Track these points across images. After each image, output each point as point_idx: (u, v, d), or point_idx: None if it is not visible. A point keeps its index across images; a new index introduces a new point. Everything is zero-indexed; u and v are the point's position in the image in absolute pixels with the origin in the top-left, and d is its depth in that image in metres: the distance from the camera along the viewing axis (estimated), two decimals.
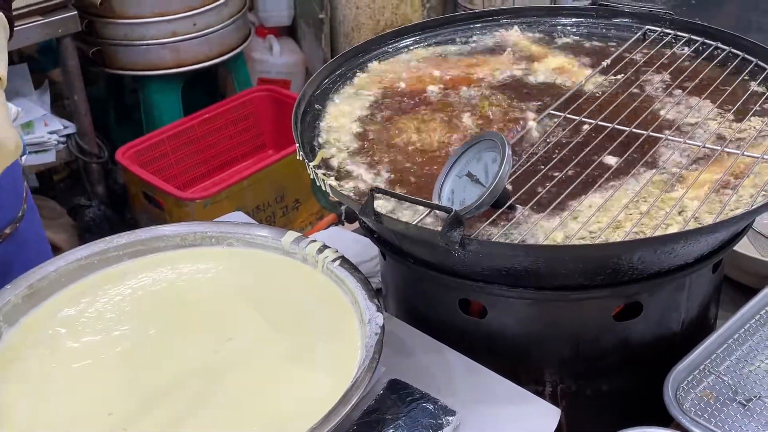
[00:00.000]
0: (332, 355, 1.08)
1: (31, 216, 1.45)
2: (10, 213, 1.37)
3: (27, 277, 1.17)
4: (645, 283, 1.12)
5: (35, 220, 1.49)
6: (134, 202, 2.98)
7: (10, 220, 1.38)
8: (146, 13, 2.94)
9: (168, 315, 1.17)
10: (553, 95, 1.36)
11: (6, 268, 1.28)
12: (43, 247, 1.50)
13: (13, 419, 1.02)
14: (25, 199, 1.43)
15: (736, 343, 1.21)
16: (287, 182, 2.96)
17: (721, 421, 1.10)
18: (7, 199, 1.32)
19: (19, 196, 1.42)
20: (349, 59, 1.45)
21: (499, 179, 1.04)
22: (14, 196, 1.40)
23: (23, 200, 1.43)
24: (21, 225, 1.39)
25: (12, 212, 1.38)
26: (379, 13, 3.47)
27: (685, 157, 1.19)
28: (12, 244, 1.29)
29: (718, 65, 1.38)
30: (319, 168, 1.20)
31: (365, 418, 1.05)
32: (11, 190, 1.39)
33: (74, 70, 2.84)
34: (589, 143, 1.21)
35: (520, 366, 1.20)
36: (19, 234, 1.37)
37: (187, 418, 1.02)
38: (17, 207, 1.40)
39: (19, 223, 1.39)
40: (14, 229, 1.37)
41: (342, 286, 1.15)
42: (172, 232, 1.26)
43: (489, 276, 1.12)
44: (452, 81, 1.42)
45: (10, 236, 1.36)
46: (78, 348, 1.12)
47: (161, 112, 3.12)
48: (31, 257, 1.19)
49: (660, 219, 1.06)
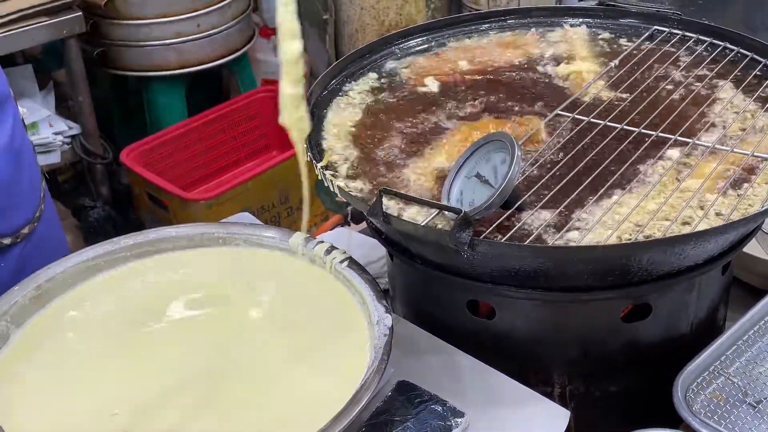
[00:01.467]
0: (341, 357, 1.07)
1: (49, 216, 1.44)
2: (28, 213, 1.36)
3: (34, 278, 1.17)
4: (654, 284, 1.11)
5: (53, 220, 1.48)
6: (138, 203, 2.97)
7: (28, 220, 1.36)
8: (150, 14, 2.94)
9: (174, 317, 1.17)
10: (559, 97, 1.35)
11: (24, 269, 1.27)
12: (62, 247, 1.49)
13: (19, 419, 1.02)
14: (42, 199, 1.42)
15: (745, 344, 1.20)
16: (292, 183, 2.95)
17: (731, 422, 1.10)
18: (25, 198, 1.32)
19: (36, 196, 1.40)
20: (355, 60, 1.45)
21: (509, 180, 1.03)
22: (32, 196, 1.39)
23: (41, 200, 1.41)
24: (39, 225, 1.38)
25: (29, 212, 1.37)
26: (384, 14, 3.46)
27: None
28: (30, 245, 1.28)
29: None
30: (327, 169, 1.20)
31: (374, 419, 1.05)
32: (29, 190, 1.38)
33: (79, 71, 2.84)
34: (597, 144, 1.21)
35: (528, 367, 1.20)
36: (36, 234, 1.36)
37: (193, 418, 1.02)
38: (35, 207, 1.39)
39: (36, 223, 1.38)
40: (32, 229, 1.35)
41: (350, 287, 1.14)
42: (179, 233, 1.26)
43: (497, 277, 1.12)
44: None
45: (28, 236, 1.35)
46: (84, 349, 1.12)
47: (165, 112, 3.11)
48: (50, 258, 1.18)
49: (679, 211, 1.06)
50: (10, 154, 1.31)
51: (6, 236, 1.33)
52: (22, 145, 1.36)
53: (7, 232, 1.33)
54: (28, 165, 1.38)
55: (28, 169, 1.38)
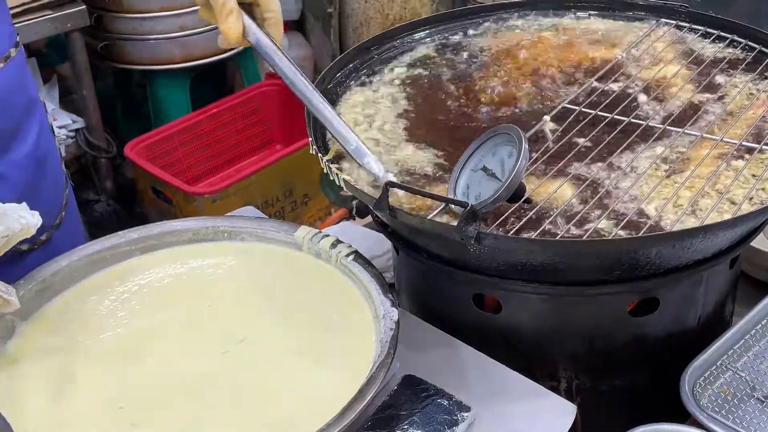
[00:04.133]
0: (347, 351, 1.07)
1: (70, 226, 1.39)
2: (47, 220, 1.28)
3: (40, 272, 1.17)
4: (662, 278, 1.11)
5: (75, 231, 1.43)
6: (143, 197, 2.97)
7: (46, 227, 1.31)
8: (154, 7, 2.93)
9: (180, 311, 1.16)
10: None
11: None
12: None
13: (25, 412, 1.02)
14: (64, 207, 1.38)
15: (753, 339, 1.20)
16: (296, 177, 2.95)
17: (739, 417, 1.09)
18: (45, 206, 1.25)
19: (58, 204, 1.37)
20: (361, 52, 1.44)
21: (516, 173, 1.03)
22: (53, 204, 1.35)
23: (62, 207, 1.37)
24: (57, 233, 1.34)
25: (49, 219, 1.32)
26: (388, 7, 3.45)
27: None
28: (46, 253, 1.23)
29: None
30: (333, 162, 1.19)
31: (380, 414, 1.05)
32: (51, 198, 1.34)
33: (83, 64, 2.83)
34: (604, 138, 1.20)
35: (535, 362, 1.19)
36: (54, 243, 1.32)
37: (199, 412, 1.02)
38: (54, 214, 1.35)
39: (55, 231, 1.34)
40: (49, 236, 1.32)
41: (356, 281, 1.14)
42: (184, 227, 1.25)
43: (504, 271, 1.11)
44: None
45: (45, 244, 1.31)
46: (89, 343, 1.12)
47: (169, 106, 3.11)
48: None
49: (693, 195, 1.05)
50: (33, 161, 1.28)
51: (24, 242, 1.30)
52: (48, 153, 1.33)
53: (26, 239, 1.30)
54: (52, 172, 1.35)
55: (52, 177, 1.35)
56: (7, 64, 1.22)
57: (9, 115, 1.24)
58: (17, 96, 1.26)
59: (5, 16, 1.26)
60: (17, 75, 1.25)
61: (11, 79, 1.24)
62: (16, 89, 1.25)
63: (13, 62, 1.24)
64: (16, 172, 1.25)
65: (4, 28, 1.24)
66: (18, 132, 1.26)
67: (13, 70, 1.24)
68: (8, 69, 1.22)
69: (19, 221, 1.02)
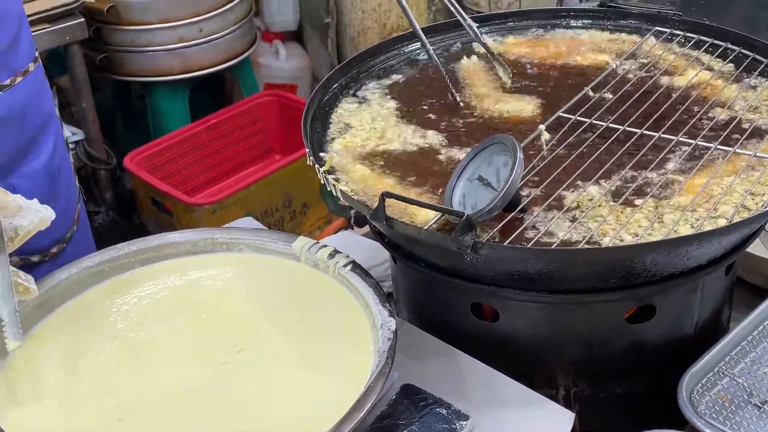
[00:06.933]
0: (345, 361, 1.07)
1: (81, 240, 1.40)
2: (58, 232, 1.32)
3: (39, 285, 1.17)
4: (658, 285, 1.11)
5: (86, 245, 1.43)
6: (142, 208, 2.98)
7: (57, 239, 1.33)
8: (152, 19, 2.94)
9: (179, 322, 1.17)
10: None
11: None
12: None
13: (25, 425, 1.02)
14: (76, 221, 1.38)
15: (750, 345, 1.20)
16: (295, 187, 2.96)
17: (737, 423, 1.10)
18: (58, 219, 1.20)
19: (69, 217, 1.37)
20: (359, 63, 1.45)
21: (511, 183, 1.03)
22: (65, 217, 1.35)
23: (74, 221, 1.37)
24: (68, 246, 1.34)
25: (60, 232, 1.33)
26: (385, 17, 3.46)
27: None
28: (57, 266, 1.23)
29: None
30: (330, 173, 1.20)
31: (378, 423, 1.05)
32: (63, 210, 1.34)
33: (82, 77, 2.84)
34: (599, 146, 1.21)
35: (532, 369, 1.20)
36: (65, 256, 1.32)
37: (198, 423, 1.02)
38: (66, 227, 1.35)
39: (66, 244, 1.34)
40: (61, 249, 1.32)
41: (353, 291, 1.14)
42: (182, 239, 1.26)
43: (501, 280, 1.12)
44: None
45: (57, 256, 1.32)
46: (88, 356, 1.12)
47: (168, 118, 3.12)
48: None
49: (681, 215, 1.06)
50: (47, 175, 1.29)
51: (34, 254, 1.30)
52: (62, 167, 1.34)
53: (36, 250, 1.30)
54: (65, 186, 1.36)
55: (65, 190, 1.36)
56: (25, 79, 1.23)
57: (25, 129, 1.25)
58: (34, 110, 1.27)
59: (27, 30, 1.26)
60: (35, 89, 1.26)
61: (29, 93, 1.24)
62: (33, 104, 1.26)
63: (31, 76, 1.24)
64: (31, 184, 1.26)
65: (25, 41, 1.24)
66: (33, 146, 1.27)
67: (31, 85, 1.25)
68: (26, 83, 1.23)
69: (37, 214, 1.06)
